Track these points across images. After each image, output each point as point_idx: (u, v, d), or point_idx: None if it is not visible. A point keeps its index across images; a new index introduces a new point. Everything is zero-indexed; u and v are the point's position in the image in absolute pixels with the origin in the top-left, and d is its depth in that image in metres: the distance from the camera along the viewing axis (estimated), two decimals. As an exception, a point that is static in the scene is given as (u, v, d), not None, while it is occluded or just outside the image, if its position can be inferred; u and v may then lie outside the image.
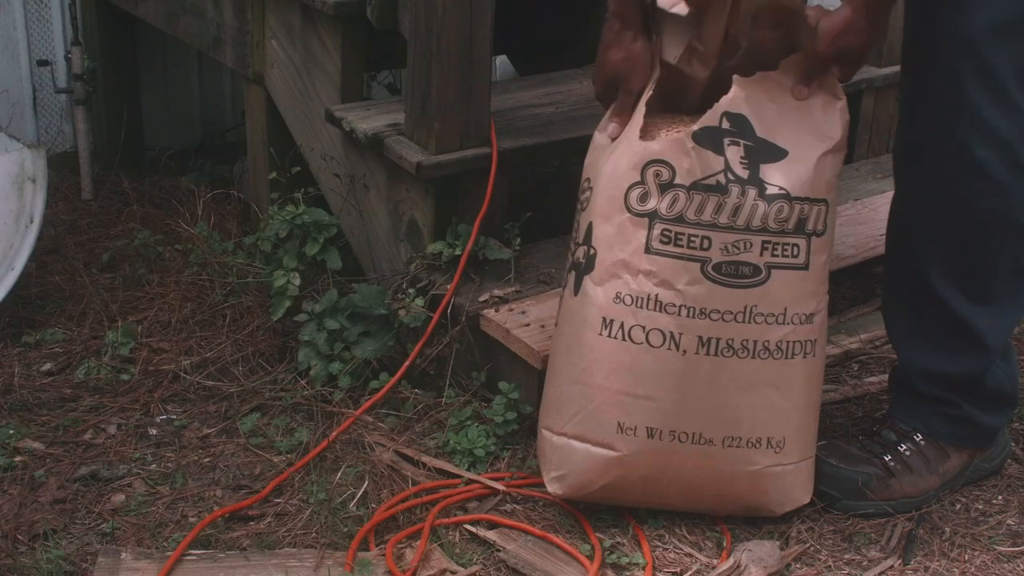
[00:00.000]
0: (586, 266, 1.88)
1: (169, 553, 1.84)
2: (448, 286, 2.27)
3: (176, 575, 1.81)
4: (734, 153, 1.80)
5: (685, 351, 1.82)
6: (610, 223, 1.85)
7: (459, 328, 2.25)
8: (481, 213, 2.33)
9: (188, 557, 1.85)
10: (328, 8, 2.42)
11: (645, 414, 1.86)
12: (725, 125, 1.80)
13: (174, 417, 2.29)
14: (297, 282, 2.40)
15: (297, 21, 2.58)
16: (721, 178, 1.79)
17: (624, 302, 1.84)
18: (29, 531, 1.93)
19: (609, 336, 1.85)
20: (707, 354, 1.83)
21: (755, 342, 1.84)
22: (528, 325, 2.18)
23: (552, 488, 1.96)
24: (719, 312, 1.81)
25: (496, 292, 2.29)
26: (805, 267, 1.85)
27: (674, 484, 1.92)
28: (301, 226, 2.44)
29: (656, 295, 1.82)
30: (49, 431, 2.23)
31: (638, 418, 1.86)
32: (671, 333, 1.82)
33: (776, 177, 1.81)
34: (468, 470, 2.09)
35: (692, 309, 1.81)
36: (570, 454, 1.92)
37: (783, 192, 1.81)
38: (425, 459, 2.11)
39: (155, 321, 2.59)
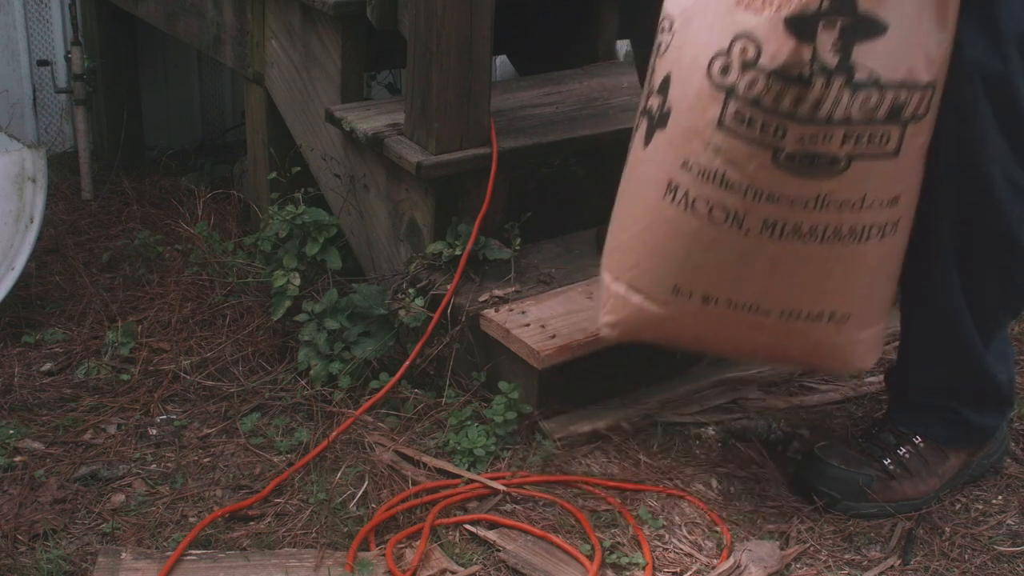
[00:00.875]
0: (659, 120, 1.80)
1: (169, 553, 1.84)
2: (448, 286, 2.27)
3: (176, 575, 1.81)
4: (827, 37, 1.64)
5: (748, 231, 1.74)
6: (689, 84, 1.74)
7: (459, 328, 2.25)
8: (481, 213, 2.33)
9: (188, 557, 1.85)
10: (328, 8, 2.42)
11: (702, 282, 1.80)
12: (824, 6, 1.64)
13: (174, 417, 2.29)
14: (297, 282, 2.40)
15: (297, 21, 2.58)
16: (805, 70, 1.65)
17: (691, 171, 1.74)
18: (29, 531, 1.93)
19: (672, 201, 1.77)
20: (771, 236, 1.74)
21: (825, 228, 1.74)
22: (528, 325, 2.18)
23: (604, 332, 1.97)
24: (789, 199, 1.71)
25: (496, 292, 2.29)
26: (895, 153, 1.72)
27: (727, 342, 1.90)
28: (301, 226, 2.44)
29: (723, 173, 1.72)
30: (49, 431, 2.23)
31: (694, 284, 1.81)
32: (735, 212, 1.73)
33: (869, 59, 1.66)
34: (468, 470, 2.09)
35: (759, 193, 1.71)
36: (624, 303, 1.89)
37: (873, 79, 1.66)
38: (425, 459, 2.11)
39: (155, 321, 2.59)
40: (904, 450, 2.05)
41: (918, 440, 2.06)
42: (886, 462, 2.04)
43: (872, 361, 1.95)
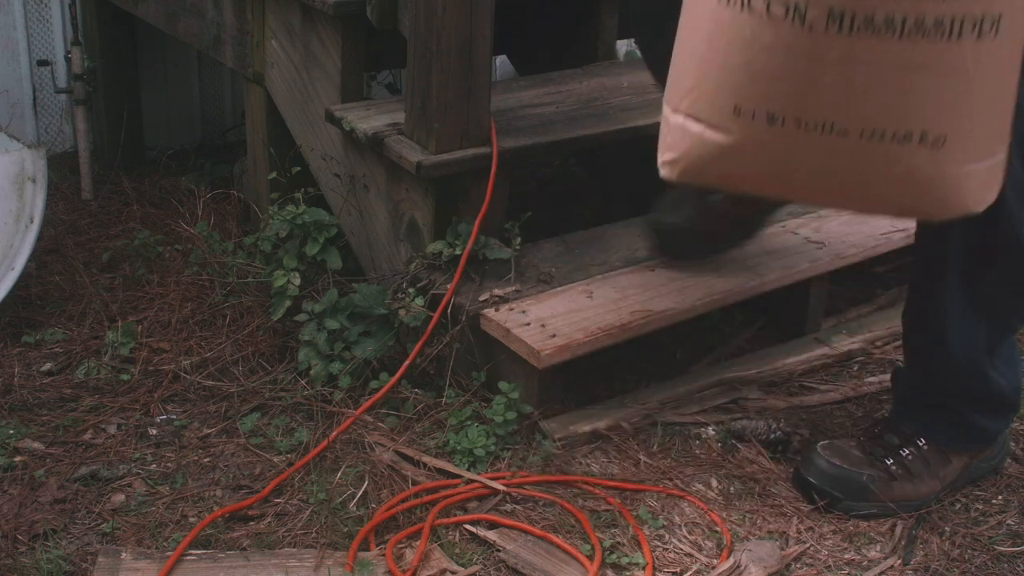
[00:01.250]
0: None
1: (169, 553, 1.84)
2: (448, 286, 2.27)
3: (176, 575, 1.81)
4: None
5: (812, 27, 1.51)
6: None
7: (459, 328, 2.25)
8: (481, 213, 2.33)
9: (188, 557, 1.85)
10: (328, 8, 2.42)
11: (765, 97, 1.57)
12: None
13: (174, 417, 2.29)
14: (297, 282, 2.40)
15: (297, 21, 2.58)
16: None
17: None
18: (29, 531, 1.93)
19: (728, 3, 1.58)
20: (839, 32, 1.50)
21: (903, 19, 1.48)
22: (528, 325, 2.18)
23: (664, 172, 1.71)
24: None
25: (496, 292, 2.29)
26: None
27: (802, 179, 1.63)
28: (301, 226, 2.44)
29: None
30: (49, 431, 2.23)
31: (757, 101, 1.57)
32: (795, 5, 1.51)
33: None
34: (468, 470, 2.09)
35: None
36: (683, 136, 1.66)
37: None
38: (425, 459, 2.11)
39: (155, 321, 2.59)
40: (907, 451, 2.05)
41: (921, 442, 2.06)
42: (889, 462, 2.04)
43: (982, 203, 1.63)
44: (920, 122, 1.53)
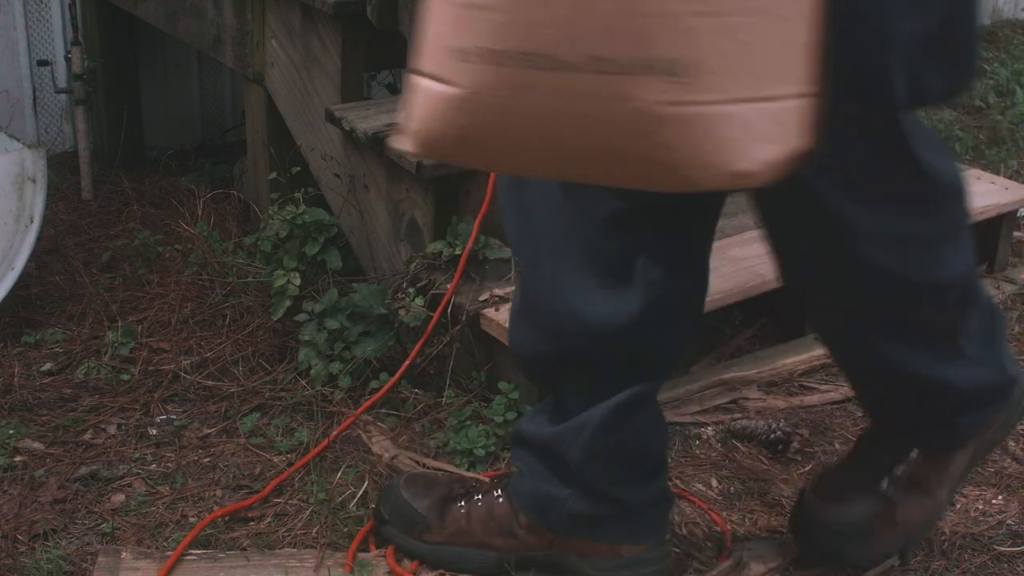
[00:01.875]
0: None
1: (169, 553, 1.84)
2: (448, 285, 2.27)
3: (176, 575, 1.81)
4: None
5: None
6: None
7: (459, 328, 2.25)
8: (481, 212, 2.33)
9: (188, 557, 1.85)
10: (328, 8, 2.42)
11: (486, 31, 1.25)
12: None
13: (174, 417, 2.29)
14: (297, 282, 2.40)
15: (297, 21, 2.58)
16: None
17: None
18: (29, 531, 1.93)
19: None
20: None
21: None
22: (528, 325, 2.18)
23: (403, 145, 1.38)
24: None
25: (496, 291, 2.29)
26: None
27: (541, 137, 1.28)
28: (301, 226, 2.44)
29: None
30: (49, 431, 2.23)
31: (478, 37, 1.26)
32: None
33: None
34: (468, 470, 2.09)
35: None
36: (416, 97, 1.35)
37: None
38: (425, 459, 2.11)
39: (155, 321, 2.59)
40: (900, 468, 1.83)
41: (915, 455, 1.84)
42: (883, 485, 1.84)
43: (751, 161, 1.22)
44: (658, 47, 1.18)
